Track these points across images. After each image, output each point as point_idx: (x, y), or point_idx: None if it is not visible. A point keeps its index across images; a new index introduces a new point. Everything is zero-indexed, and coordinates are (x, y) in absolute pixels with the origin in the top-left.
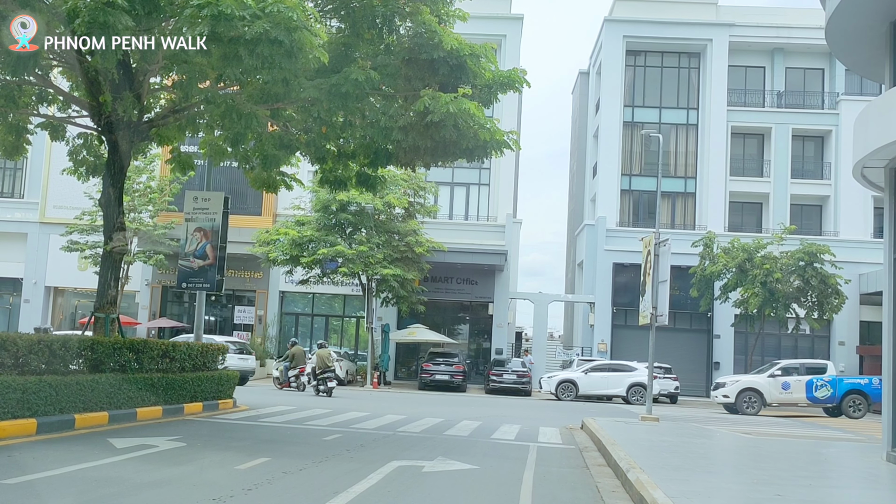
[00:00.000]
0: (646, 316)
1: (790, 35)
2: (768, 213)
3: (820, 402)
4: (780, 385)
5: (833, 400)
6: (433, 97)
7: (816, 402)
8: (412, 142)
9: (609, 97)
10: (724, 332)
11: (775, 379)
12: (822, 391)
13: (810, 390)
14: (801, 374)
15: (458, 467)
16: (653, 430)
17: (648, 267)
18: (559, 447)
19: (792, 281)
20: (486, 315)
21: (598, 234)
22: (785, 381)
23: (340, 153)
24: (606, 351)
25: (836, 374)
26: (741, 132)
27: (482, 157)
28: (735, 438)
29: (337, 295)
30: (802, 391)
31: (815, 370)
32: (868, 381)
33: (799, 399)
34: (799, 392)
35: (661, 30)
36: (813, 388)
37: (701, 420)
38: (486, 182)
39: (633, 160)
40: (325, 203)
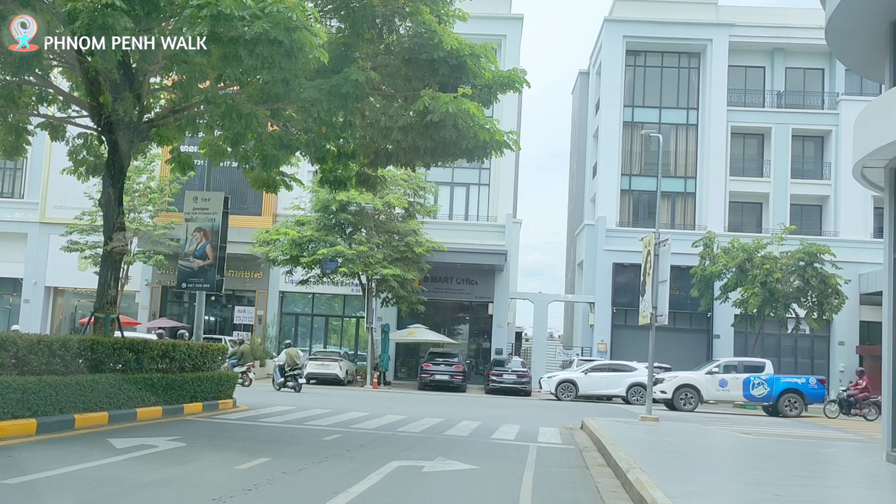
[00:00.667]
0: (646, 316)
1: (790, 35)
2: (768, 213)
3: (757, 399)
4: (718, 382)
5: (770, 398)
6: (433, 97)
7: (753, 399)
8: (412, 142)
9: (609, 97)
10: (724, 332)
11: (713, 376)
12: (759, 389)
13: (747, 388)
14: (740, 371)
15: (457, 467)
16: (652, 430)
17: (648, 267)
18: (559, 447)
19: (792, 281)
20: (486, 315)
21: (598, 234)
22: (722, 378)
23: (340, 153)
24: (606, 351)
25: (773, 373)
26: (741, 132)
27: (482, 158)
28: (734, 438)
29: (337, 295)
30: (739, 389)
31: (753, 368)
32: (805, 380)
33: (735, 397)
34: (736, 390)
35: (660, 30)
36: (750, 387)
37: (700, 420)
38: (486, 182)
39: (633, 160)
40: (324, 203)
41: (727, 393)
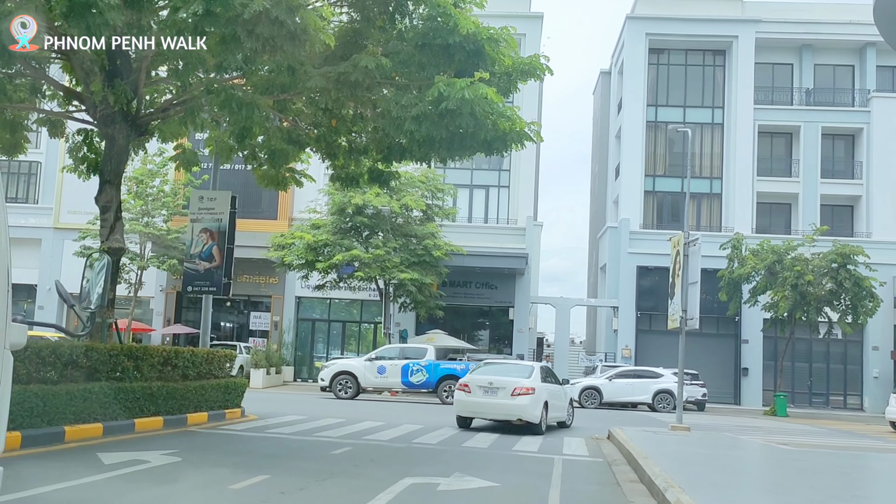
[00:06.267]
0: (675, 319)
1: (819, 31)
2: (797, 214)
3: (416, 386)
4: (376, 369)
5: (429, 385)
6: (448, 83)
7: (412, 386)
8: (426, 132)
9: (632, 97)
10: (753, 337)
11: (371, 363)
12: (418, 376)
13: (406, 375)
14: (399, 358)
15: (476, 485)
16: (685, 440)
17: (677, 268)
18: (586, 460)
19: (824, 283)
20: (507, 320)
21: (622, 237)
22: (381, 365)
23: (352, 148)
24: (631, 357)
25: (433, 359)
26: (768, 131)
27: (501, 151)
28: (774, 451)
29: (354, 300)
30: (398, 375)
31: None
32: (465, 366)
33: (394, 384)
34: (395, 377)
35: (684, 27)
36: (408, 373)
37: (732, 429)
38: (505, 184)
39: (656, 161)
40: (340, 206)
41: (386, 380)
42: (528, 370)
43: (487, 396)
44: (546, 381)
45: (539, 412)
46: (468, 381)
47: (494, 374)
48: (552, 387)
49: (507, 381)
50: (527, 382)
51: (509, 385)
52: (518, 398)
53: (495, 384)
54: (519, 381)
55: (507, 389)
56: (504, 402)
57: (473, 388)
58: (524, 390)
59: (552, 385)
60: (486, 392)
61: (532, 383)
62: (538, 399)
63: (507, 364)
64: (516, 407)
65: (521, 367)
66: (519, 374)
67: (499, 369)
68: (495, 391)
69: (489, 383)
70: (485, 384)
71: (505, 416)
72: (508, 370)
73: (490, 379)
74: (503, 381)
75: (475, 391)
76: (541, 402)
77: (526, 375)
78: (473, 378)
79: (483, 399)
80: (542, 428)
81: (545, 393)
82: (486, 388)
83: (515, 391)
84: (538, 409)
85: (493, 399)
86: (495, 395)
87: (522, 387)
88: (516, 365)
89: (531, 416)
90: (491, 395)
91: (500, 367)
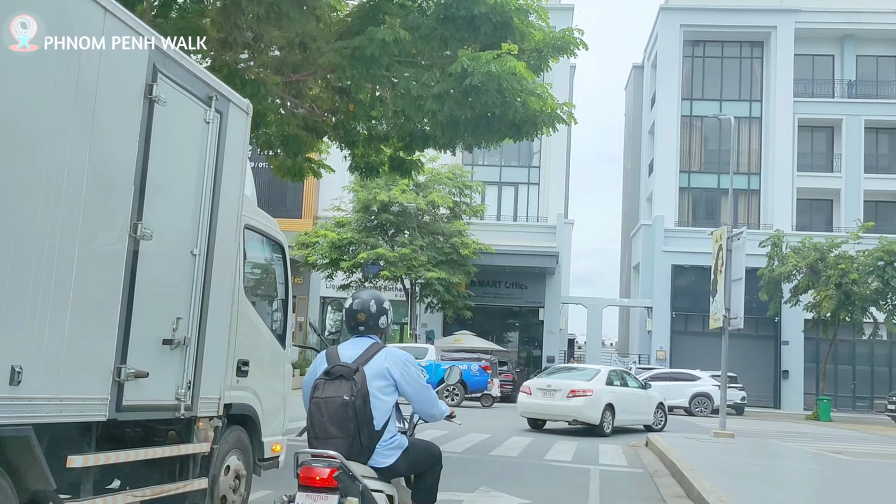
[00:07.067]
0: (717, 319)
1: (861, 20)
2: (839, 210)
3: None
4: None
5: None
6: (472, 57)
7: None
8: (449, 112)
9: (666, 90)
10: (793, 339)
11: None
12: None
13: None
14: None
15: (504, 502)
16: (730, 448)
17: (720, 264)
18: (625, 471)
19: (870, 282)
20: (537, 321)
21: (656, 235)
22: None
23: (371, 136)
24: (665, 359)
25: (434, 359)
26: (809, 125)
27: (532, 134)
28: (832, 461)
29: None
30: None
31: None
32: (467, 366)
33: None
34: None
35: (721, 17)
36: None
37: (776, 435)
38: (535, 181)
39: (691, 156)
40: (365, 203)
41: None
42: (591, 374)
43: (546, 398)
44: (616, 384)
45: (597, 414)
46: (530, 384)
47: (556, 377)
48: (624, 390)
49: (564, 384)
50: (585, 385)
51: (565, 387)
52: (573, 400)
53: (553, 387)
54: (576, 383)
55: (564, 391)
56: (560, 403)
57: (534, 390)
58: (581, 392)
59: (625, 388)
60: (545, 394)
61: (591, 386)
62: (597, 401)
63: (572, 368)
64: (571, 408)
65: (585, 371)
66: (580, 378)
67: (562, 373)
68: (553, 393)
69: (547, 386)
70: (544, 387)
71: (561, 417)
72: (571, 374)
73: (549, 382)
74: (560, 384)
75: (535, 393)
76: (601, 404)
77: (587, 378)
78: (536, 381)
79: (541, 401)
80: (604, 429)
81: (608, 395)
82: (544, 391)
83: (571, 393)
84: (596, 411)
85: (550, 401)
86: (552, 397)
87: (579, 389)
88: (581, 369)
89: (587, 417)
90: (548, 397)
91: (564, 370)
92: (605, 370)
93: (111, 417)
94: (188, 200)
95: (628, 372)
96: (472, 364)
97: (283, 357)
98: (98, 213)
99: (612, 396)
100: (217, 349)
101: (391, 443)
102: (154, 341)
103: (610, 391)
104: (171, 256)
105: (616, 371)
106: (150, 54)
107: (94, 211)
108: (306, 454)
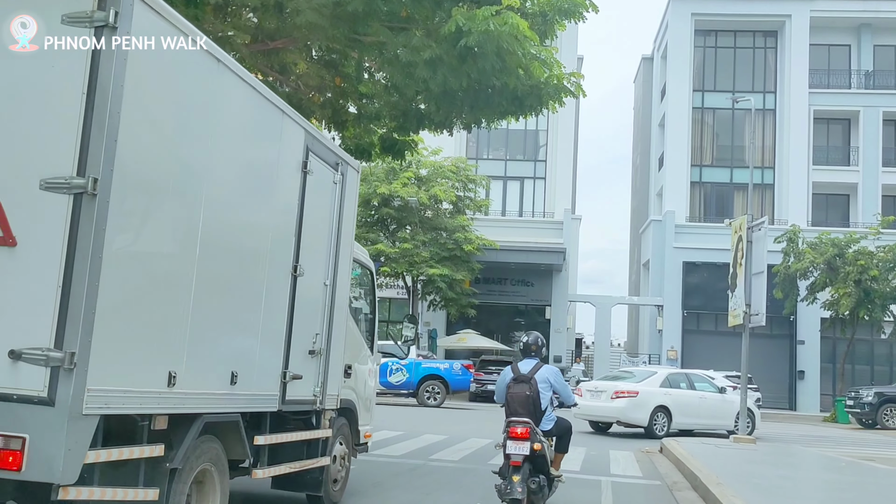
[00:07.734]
0: (737, 315)
1: (878, 9)
2: (856, 205)
3: (395, 387)
4: None
5: (409, 385)
6: (468, 15)
7: (391, 387)
8: (442, 81)
9: (676, 82)
10: (810, 338)
11: None
12: (397, 375)
13: (383, 374)
14: None
15: None
16: (753, 456)
17: (740, 256)
18: (640, 483)
19: (890, 279)
20: (543, 320)
21: (666, 231)
22: None
23: (362, 114)
24: (677, 359)
25: (414, 358)
26: (825, 117)
27: (536, 109)
28: (871, 471)
29: (381, 298)
30: None
31: None
32: (449, 364)
33: None
34: None
35: (733, 6)
36: (387, 373)
37: (797, 439)
38: (541, 175)
39: (703, 150)
40: (365, 197)
41: None
42: (644, 375)
43: (592, 399)
44: (679, 387)
45: (644, 416)
46: (584, 386)
47: (609, 378)
48: (687, 393)
49: (610, 385)
50: (631, 386)
51: (610, 389)
52: (616, 401)
53: (600, 388)
54: (622, 384)
55: (608, 393)
56: (603, 404)
57: (584, 392)
58: (625, 393)
59: (688, 392)
60: (593, 395)
61: (639, 387)
62: (643, 403)
63: (631, 370)
64: (614, 409)
65: (640, 373)
66: (631, 380)
67: (620, 375)
68: (599, 394)
69: (595, 387)
70: (592, 388)
71: (604, 418)
72: (625, 375)
73: (598, 383)
74: (607, 385)
75: (585, 395)
76: (649, 406)
77: (637, 380)
78: (589, 383)
79: (589, 402)
80: (655, 431)
81: (661, 398)
82: (592, 392)
83: (616, 394)
84: (642, 413)
85: (596, 402)
86: (598, 398)
87: (624, 390)
88: (637, 371)
89: (630, 418)
90: (595, 398)
91: (624, 373)
92: (662, 372)
93: (279, 409)
94: (323, 242)
95: (702, 376)
96: (454, 363)
97: (372, 360)
98: (277, 261)
99: (668, 399)
100: (337, 356)
101: (550, 417)
102: (304, 352)
103: (664, 393)
104: (313, 287)
105: (680, 374)
106: (305, 137)
107: (275, 260)
108: (512, 420)
